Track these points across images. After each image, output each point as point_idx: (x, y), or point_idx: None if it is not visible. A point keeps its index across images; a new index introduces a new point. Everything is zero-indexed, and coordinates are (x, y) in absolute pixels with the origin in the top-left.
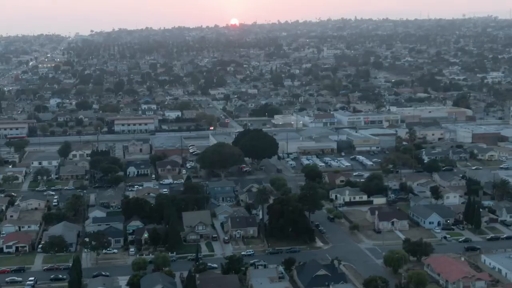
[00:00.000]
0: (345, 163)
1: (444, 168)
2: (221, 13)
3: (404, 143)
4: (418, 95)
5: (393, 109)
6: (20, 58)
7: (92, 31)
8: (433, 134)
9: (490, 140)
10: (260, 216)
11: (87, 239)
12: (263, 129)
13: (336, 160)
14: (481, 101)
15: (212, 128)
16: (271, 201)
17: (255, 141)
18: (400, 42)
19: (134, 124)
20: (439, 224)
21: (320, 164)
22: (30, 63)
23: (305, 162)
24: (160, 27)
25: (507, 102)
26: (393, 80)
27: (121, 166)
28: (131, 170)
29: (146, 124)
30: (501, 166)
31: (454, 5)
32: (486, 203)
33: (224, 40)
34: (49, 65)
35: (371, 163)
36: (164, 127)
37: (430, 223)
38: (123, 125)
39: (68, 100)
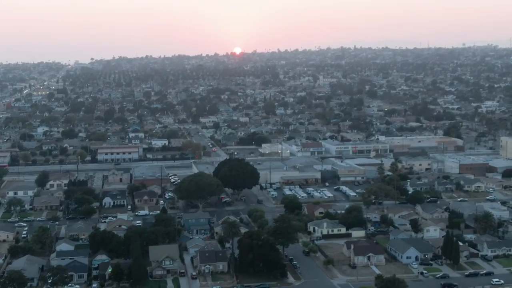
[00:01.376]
0: (327, 193)
1: (428, 200)
2: (223, 42)
3: (388, 173)
4: (410, 124)
5: (382, 138)
6: (15, 86)
7: (92, 59)
8: (420, 165)
9: (478, 170)
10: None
11: (49, 274)
12: (247, 158)
13: (319, 191)
14: (473, 131)
15: (197, 157)
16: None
17: (235, 171)
18: (397, 70)
19: (118, 153)
20: (416, 259)
21: (302, 195)
22: (25, 91)
23: (287, 192)
24: (160, 55)
25: (498, 132)
26: (386, 109)
27: (96, 196)
28: (107, 201)
29: (130, 153)
30: (487, 197)
31: (455, 35)
32: (468, 236)
33: (222, 68)
34: (43, 92)
35: (354, 194)
36: (149, 155)
37: (407, 257)
38: (106, 154)
39: (56, 128)
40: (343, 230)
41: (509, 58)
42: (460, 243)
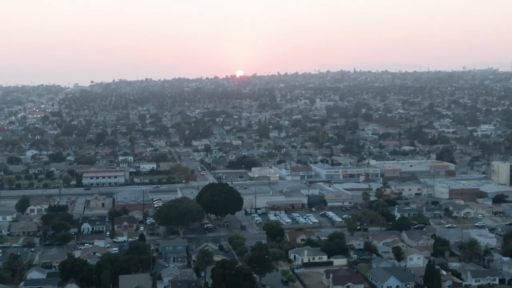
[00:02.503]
0: (313, 219)
1: (415, 226)
2: (223, 65)
3: (375, 198)
4: (404, 148)
5: (373, 162)
6: (11, 109)
7: (92, 81)
8: (410, 189)
9: (468, 196)
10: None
11: None
12: (234, 182)
13: (304, 216)
14: (467, 155)
15: (184, 181)
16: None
17: (217, 196)
18: (395, 94)
19: (103, 177)
20: None
21: (286, 221)
22: (19, 114)
23: (272, 218)
24: (160, 78)
25: (492, 156)
26: (380, 133)
27: (75, 222)
28: (85, 226)
29: (115, 177)
30: (476, 224)
31: (455, 58)
32: (453, 265)
33: (221, 91)
34: (38, 115)
35: (340, 219)
36: (137, 179)
37: (388, 287)
38: (91, 178)
39: (45, 152)
40: (325, 258)
41: (508, 81)
42: (444, 272)
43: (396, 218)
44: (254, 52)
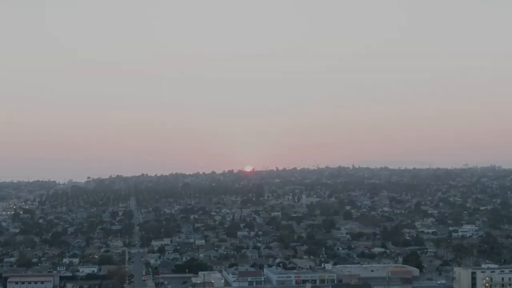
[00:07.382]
0: None
1: None
2: (223, 161)
3: None
4: (374, 249)
5: (329, 266)
6: None
7: (89, 177)
8: None
9: None
10: None
11: None
12: None
13: None
14: (439, 258)
15: None
16: None
17: None
18: (388, 191)
19: (29, 282)
20: None
21: None
22: None
23: None
24: (157, 174)
25: (464, 260)
26: (353, 232)
27: None
28: None
29: (42, 282)
30: None
31: (458, 155)
32: None
33: (214, 185)
34: (12, 212)
35: None
36: (70, 285)
37: None
38: (16, 283)
39: None
40: None
41: (506, 179)
42: None
43: None
44: (254, 148)
